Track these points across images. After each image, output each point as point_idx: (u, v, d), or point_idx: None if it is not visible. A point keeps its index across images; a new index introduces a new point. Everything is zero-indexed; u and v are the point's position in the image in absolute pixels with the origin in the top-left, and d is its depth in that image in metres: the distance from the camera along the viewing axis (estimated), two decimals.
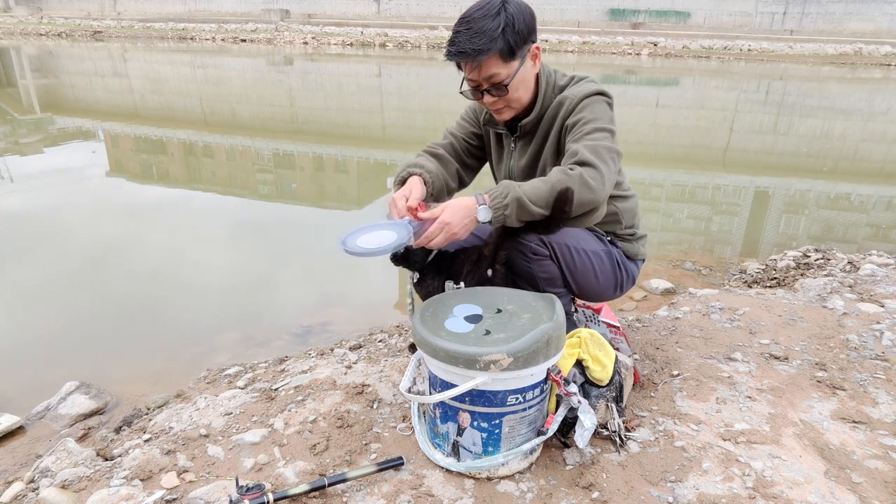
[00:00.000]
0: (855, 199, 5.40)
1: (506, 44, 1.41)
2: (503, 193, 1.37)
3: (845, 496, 1.33)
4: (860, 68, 20.36)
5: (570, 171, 1.38)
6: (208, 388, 2.08)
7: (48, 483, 1.46)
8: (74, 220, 4.35)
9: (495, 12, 1.40)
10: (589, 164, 1.38)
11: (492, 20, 1.39)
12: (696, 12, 31.28)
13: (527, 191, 1.37)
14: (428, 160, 1.68)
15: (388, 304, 3.03)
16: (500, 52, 1.41)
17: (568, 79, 1.61)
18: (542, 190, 1.37)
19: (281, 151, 7.32)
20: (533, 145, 1.64)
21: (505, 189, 1.38)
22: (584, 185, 1.37)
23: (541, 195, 1.37)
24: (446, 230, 1.36)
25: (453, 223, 1.36)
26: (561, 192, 1.35)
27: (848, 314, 2.27)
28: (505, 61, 1.44)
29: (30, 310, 2.93)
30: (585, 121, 1.47)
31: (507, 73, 1.46)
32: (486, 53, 1.40)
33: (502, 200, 1.37)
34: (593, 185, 1.37)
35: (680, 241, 4.08)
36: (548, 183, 1.38)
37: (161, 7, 37.24)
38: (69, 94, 11.72)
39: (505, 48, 1.41)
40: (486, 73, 1.45)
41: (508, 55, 1.43)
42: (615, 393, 1.52)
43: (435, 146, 1.75)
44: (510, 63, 1.45)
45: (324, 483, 1.32)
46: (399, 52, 23.56)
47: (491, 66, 1.44)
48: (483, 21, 1.39)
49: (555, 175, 1.39)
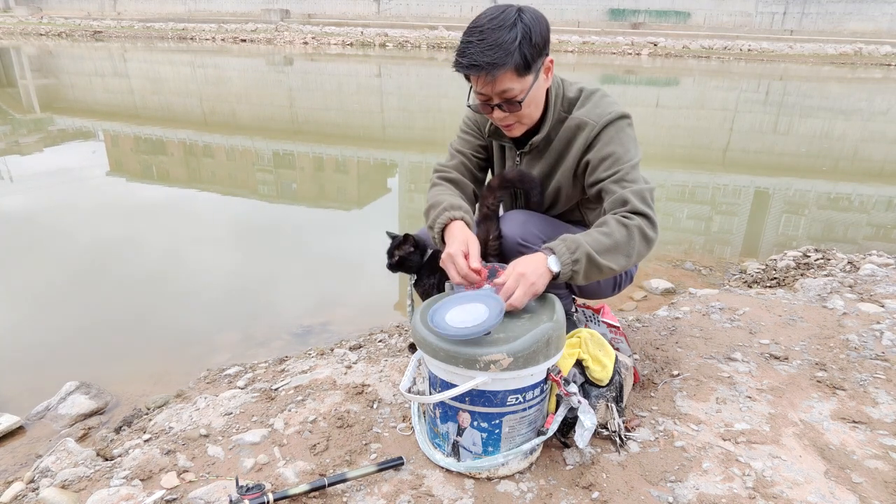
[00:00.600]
0: (855, 199, 5.40)
1: (522, 58, 1.31)
2: (571, 248, 1.32)
3: (845, 496, 1.33)
4: (860, 68, 20.37)
5: (628, 220, 1.35)
6: (208, 388, 2.08)
7: (48, 483, 1.46)
8: (74, 220, 4.35)
9: (511, 23, 1.31)
10: (643, 215, 1.37)
11: (507, 31, 1.30)
12: (696, 12, 31.28)
13: (592, 245, 1.32)
14: (452, 193, 1.57)
15: (388, 304, 3.03)
16: (516, 67, 1.32)
17: (577, 91, 1.53)
18: (606, 244, 1.34)
19: (281, 151, 7.32)
20: (542, 163, 1.57)
21: (573, 243, 1.33)
22: (644, 239, 1.36)
23: (605, 248, 1.33)
24: (523, 282, 1.30)
25: (527, 273, 1.30)
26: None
27: (848, 314, 2.27)
28: (520, 76, 1.35)
29: (30, 310, 2.93)
30: (618, 157, 1.42)
31: (522, 89, 1.37)
32: (501, 68, 1.31)
33: (571, 255, 1.31)
34: (651, 237, 1.37)
35: (680, 241, 4.08)
36: (611, 238, 1.34)
37: (161, 7, 37.24)
38: (69, 94, 11.72)
39: (521, 62, 1.32)
40: (499, 88, 1.36)
41: (524, 70, 1.34)
42: (615, 393, 1.52)
43: (446, 170, 1.65)
44: (525, 78, 1.36)
45: (324, 483, 1.32)
46: (399, 52, 23.56)
47: (505, 81, 1.34)
48: (498, 32, 1.30)
49: (615, 229, 1.35)
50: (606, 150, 1.44)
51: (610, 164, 1.43)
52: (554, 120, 1.52)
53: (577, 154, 1.50)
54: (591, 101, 1.51)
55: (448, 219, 1.47)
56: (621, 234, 1.35)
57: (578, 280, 1.34)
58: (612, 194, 1.41)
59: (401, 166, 6.79)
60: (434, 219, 1.49)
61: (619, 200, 1.39)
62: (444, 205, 1.50)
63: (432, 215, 1.51)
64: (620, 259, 1.36)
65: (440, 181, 1.63)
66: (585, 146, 1.47)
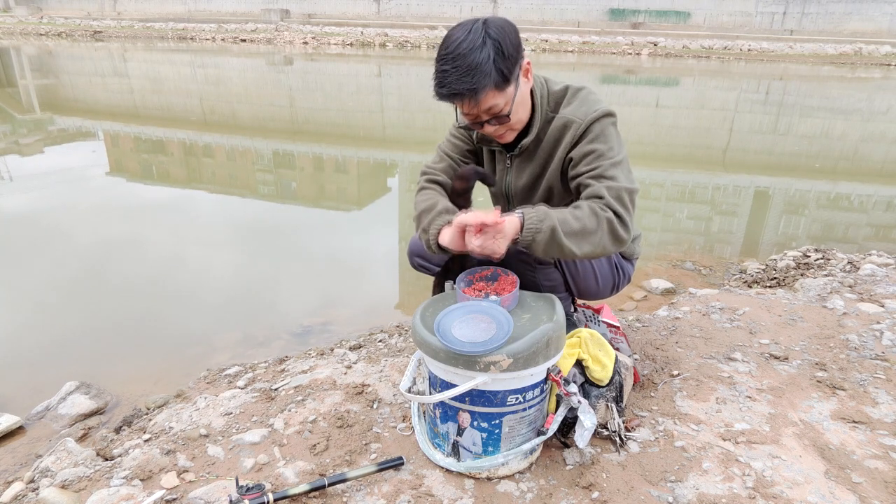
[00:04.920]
0: (855, 199, 5.40)
1: (499, 74, 1.32)
2: (539, 217, 1.32)
3: (845, 496, 1.33)
4: (860, 68, 20.37)
5: (601, 211, 1.35)
6: (208, 388, 2.08)
7: (48, 483, 1.46)
8: (74, 220, 4.35)
9: (480, 43, 1.30)
10: (615, 213, 1.36)
11: (479, 52, 1.30)
12: (696, 12, 31.28)
13: (560, 222, 1.33)
14: (441, 196, 1.57)
15: (388, 304, 3.03)
16: (496, 84, 1.33)
17: (562, 88, 1.54)
18: (574, 228, 1.33)
19: (281, 151, 7.33)
20: (533, 165, 1.59)
21: (543, 214, 1.32)
22: (612, 235, 1.36)
23: (572, 230, 1.33)
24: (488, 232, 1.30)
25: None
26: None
27: (848, 314, 2.27)
28: (501, 90, 1.36)
29: (30, 309, 2.93)
30: (600, 154, 1.42)
31: (506, 101, 1.39)
32: (481, 91, 1.32)
33: (537, 223, 1.31)
34: (620, 236, 1.36)
35: (680, 241, 4.08)
36: (580, 222, 1.34)
37: (161, 7, 37.24)
38: (69, 94, 11.72)
39: (499, 79, 1.33)
40: (485, 107, 1.37)
41: (504, 84, 1.35)
42: (615, 393, 1.52)
43: (434, 172, 1.65)
44: (506, 91, 1.37)
45: (324, 483, 1.32)
46: (399, 52, 23.56)
47: (488, 100, 1.36)
48: (470, 56, 1.30)
49: (586, 214, 1.35)
50: (589, 147, 1.45)
51: (591, 159, 1.44)
52: (542, 120, 1.52)
53: (564, 151, 1.51)
54: (577, 98, 1.51)
55: (446, 221, 1.45)
56: (591, 222, 1.35)
57: (537, 251, 1.34)
58: (589, 188, 1.41)
59: (401, 166, 6.79)
60: (429, 222, 1.48)
61: (595, 194, 1.39)
62: (438, 208, 1.49)
63: (426, 219, 1.49)
64: (585, 246, 1.35)
65: (428, 184, 1.62)
66: (571, 144, 1.48)
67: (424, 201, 1.53)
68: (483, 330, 1.27)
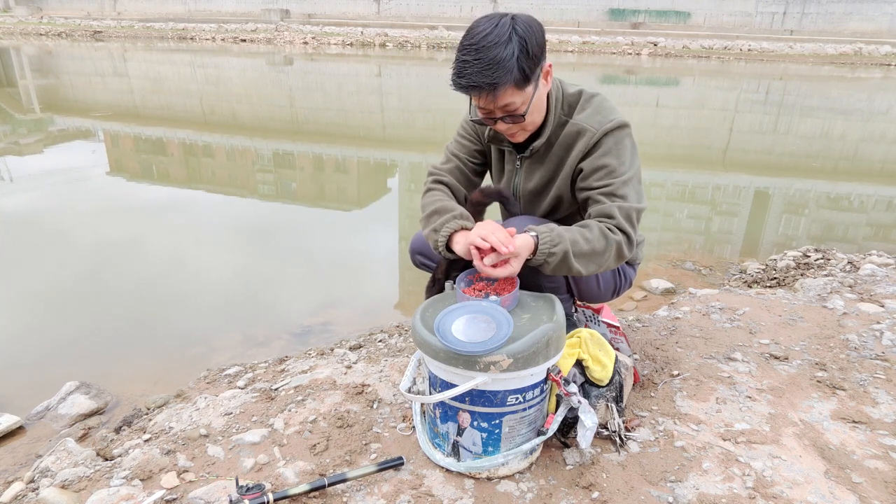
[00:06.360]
0: (855, 199, 5.40)
1: (521, 72, 1.30)
2: (553, 241, 1.34)
3: (845, 496, 1.33)
4: (860, 68, 20.37)
5: (611, 234, 1.38)
6: (208, 388, 2.08)
7: (48, 483, 1.46)
8: (74, 220, 4.35)
9: (506, 38, 1.28)
10: (625, 234, 1.40)
11: (504, 48, 1.27)
12: (696, 12, 31.28)
13: (572, 245, 1.36)
14: (449, 198, 1.57)
15: (388, 304, 3.03)
16: (516, 82, 1.31)
17: (576, 92, 1.52)
18: (585, 250, 1.37)
19: (281, 151, 7.32)
20: (543, 169, 1.57)
21: (557, 237, 1.35)
22: (618, 255, 1.41)
23: (582, 252, 1.37)
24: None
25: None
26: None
27: (848, 314, 2.27)
28: (520, 89, 1.34)
29: (30, 310, 2.93)
30: (612, 170, 1.42)
31: (524, 101, 1.37)
32: (501, 87, 1.30)
33: (551, 247, 1.34)
34: (625, 256, 1.42)
35: (680, 241, 4.08)
36: (590, 244, 1.37)
37: (161, 7, 37.23)
38: (69, 94, 11.72)
39: (520, 77, 1.31)
40: (501, 103, 1.36)
41: (524, 83, 1.33)
42: (615, 393, 1.52)
43: (441, 173, 1.64)
44: (525, 90, 1.36)
45: (324, 483, 1.32)
46: (399, 52, 23.56)
47: (506, 97, 1.34)
48: (495, 49, 1.27)
49: (596, 237, 1.37)
50: (601, 161, 1.44)
51: (603, 175, 1.43)
52: (555, 124, 1.51)
53: (574, 160, 1.50)
54: (591, 105, 1.50)
55: (459, 227, 1.45)
56: (601, 244, 1.38)
57: (545, 271, 1.39)
58: (600, 204, 1.43)
59: (401, 166, 6.79)
60: (441, 223, 1.47)
61: (605, 213, 1.41)
62: (454, 212, 1.48)
63: (438, 220, 1.48)
64: (591, 266, 1.41)
65: (435, 185, 1.62)
66: (583, 153, 1.47)
67: (435, 202, 1.53)
68: (483, 330, 1.28)
